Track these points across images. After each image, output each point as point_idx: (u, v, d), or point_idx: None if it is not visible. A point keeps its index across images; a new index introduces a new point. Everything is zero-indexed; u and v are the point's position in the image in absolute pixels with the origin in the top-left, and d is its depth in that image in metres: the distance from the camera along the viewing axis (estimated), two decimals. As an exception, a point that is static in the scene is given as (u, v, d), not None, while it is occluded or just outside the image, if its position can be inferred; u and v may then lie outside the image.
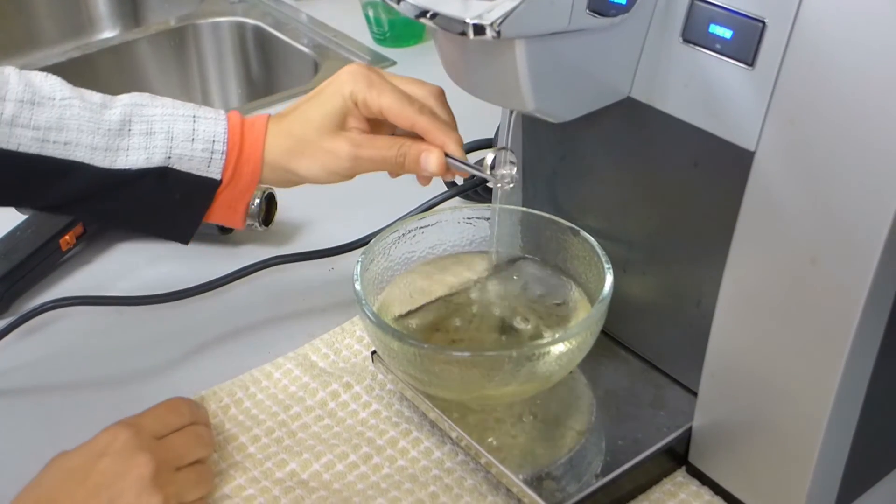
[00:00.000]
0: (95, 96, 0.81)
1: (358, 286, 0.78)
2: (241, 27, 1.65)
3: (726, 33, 0.64)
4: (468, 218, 0.87)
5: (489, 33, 0.61)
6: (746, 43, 0.63)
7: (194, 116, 0.82)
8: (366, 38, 1.54)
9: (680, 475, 0.79)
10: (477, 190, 1.07)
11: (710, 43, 0.65)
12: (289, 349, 0.93)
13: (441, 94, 0.83)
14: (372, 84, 0.80)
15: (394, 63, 1.46)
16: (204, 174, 0.82)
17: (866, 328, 0.62)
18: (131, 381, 0.91)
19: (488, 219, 0.86)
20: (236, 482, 0.80)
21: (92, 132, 0.79)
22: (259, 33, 1.63)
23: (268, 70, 1.65)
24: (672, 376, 0.81)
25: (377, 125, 0.83)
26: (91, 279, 1.05)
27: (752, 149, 0.64)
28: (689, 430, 0.77)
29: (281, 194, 1.09)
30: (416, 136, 0.81)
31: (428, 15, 0.65)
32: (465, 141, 0.82)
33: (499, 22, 0.61)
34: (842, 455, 0.70)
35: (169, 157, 0.81)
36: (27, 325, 0.93)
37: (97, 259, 1.08)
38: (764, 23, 0.62)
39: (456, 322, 0.82)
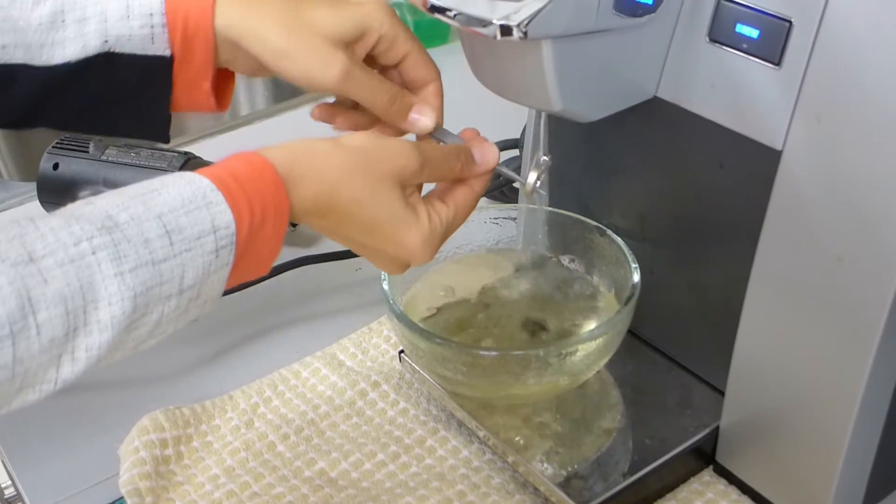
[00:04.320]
0: None
1: (385, 285, 0.78)
2: (267, 29, 1.66)
3: (753, 33, 0.64)
4: (494, 218, 0.87)
5: (516, 34, 0.61)
6: (773, 42, 0.63)
7: None
8: (392, 39, 1.54)
9: (707, 474, 0.79)
10: (503, 190, 1.07)
11: (737, 42, 0.65)
12: (317, 349, 0.94)
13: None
14: (405, 28, 0.76)
15: (420, 64, 1.46)
16: (150, 52, 0.75)
17: (893, 327, 0.62)
18: (160, 381, 0.92)
19: (514, 219, 0.86)
20: (266, 480, 0.80)
21: (24, 31, 0.74)
22: (286, 35, 1.63)
23: (294, 71, 1.65)
24: (699, 375, 0.81)
25: None
26: (121, 279, 1.06)
27: (779, 148, 0.64)
28: (717, 429, 0.77)
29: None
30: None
31: (454, 16, 0.65)
32: (493, 141, 0.82)
33: (525, 23, 0.61)
34: (869, 455, 0.70)
35: (106, 41, 0.75)
36: (58, 325, 0.94)
37: (127, 259, 1.09)
38: (790, 22, 0.62)
39: (483, 321, 0.83)
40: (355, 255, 1.01)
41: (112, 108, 0.79)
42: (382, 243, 0.68)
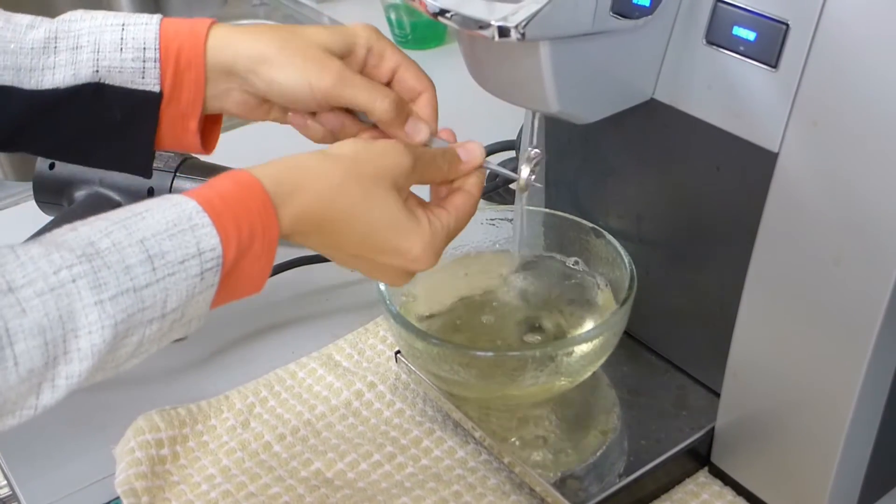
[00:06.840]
0: (25, 18, 0.75)
1: (382, 286, 0.78)
2: (263, 30, 1.66)
3: (750, 35, 0.64)
4: (491, 219, 0.87)
5: (514, 35, 0.62)
6: (770, 45, 0.63)
7: (123, 24, 0.74)
8: (388, 40, 1.54)
9: (702, 475, 0.79)
10: (499, 192, 1.07)
11: (734, 45, 0.65)
12: (313, 349, 0.94)
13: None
14: (392, 43, 0.75)
15: (416, 65, 1.46)
16: (140, 87, 0.74)
17: (889, 329, 0.62)
18: (156, 381, 0.92)
19: (511, 220, 0.86)
20: (262, 481, 0.80)
21: (15, 53, 0.73)
22: (282, 36, 1.64)
23: (290, 72, 1.65)
24: (695, 377, 0.81)
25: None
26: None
27: (775, 150, 0.65)
28: (712, 430, 0.77)
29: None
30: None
31: (452, 17, 0.65)
32: (489, 142, 0.82)
33: (523, 24, 0.61)
34: (864, 455, 0.70)
35: (97, 71, 0.74)
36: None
37: (123, 259, 1.08)
38: (787, 25, 0.62)
39: (480, 322, 0.83)
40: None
41: (96, 139, 0.78)
42: (382, 253, 0.67)
